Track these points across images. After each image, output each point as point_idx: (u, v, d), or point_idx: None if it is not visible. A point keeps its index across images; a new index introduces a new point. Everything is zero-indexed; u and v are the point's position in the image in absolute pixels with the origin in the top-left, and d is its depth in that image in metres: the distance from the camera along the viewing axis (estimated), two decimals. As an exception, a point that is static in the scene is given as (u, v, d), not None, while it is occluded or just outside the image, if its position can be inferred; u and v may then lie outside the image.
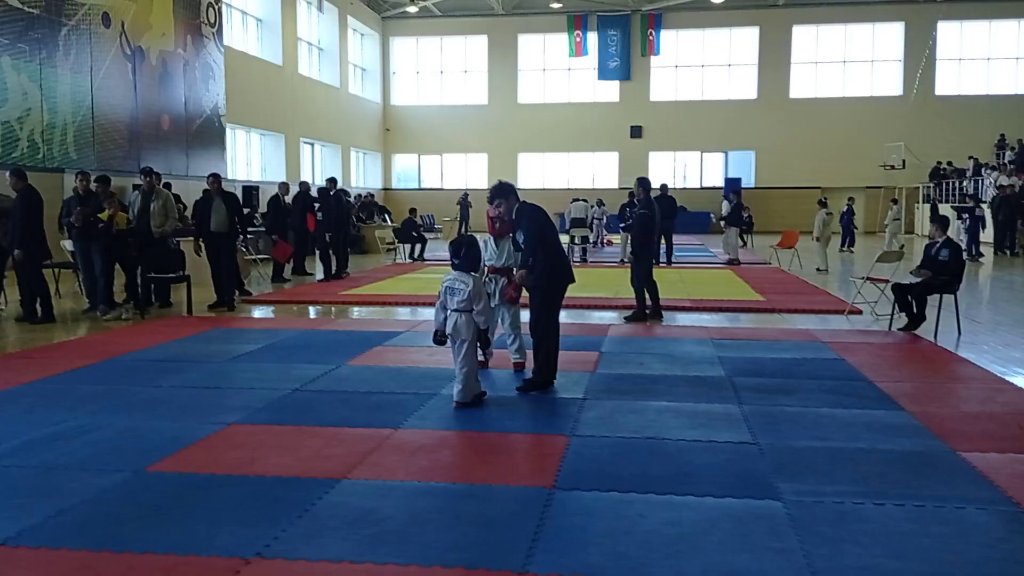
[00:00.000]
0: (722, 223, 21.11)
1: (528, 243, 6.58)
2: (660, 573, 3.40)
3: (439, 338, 6.13)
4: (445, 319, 6.07)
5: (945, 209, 26.26)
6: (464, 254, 6.13)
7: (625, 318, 10.57)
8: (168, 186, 13.62)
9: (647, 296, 10.61)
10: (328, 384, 6.91)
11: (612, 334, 9.53)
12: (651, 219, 10.43)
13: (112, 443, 5.22)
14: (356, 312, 11.85)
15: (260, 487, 4.43)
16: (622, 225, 19.88)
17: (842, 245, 24.31)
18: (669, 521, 3.95)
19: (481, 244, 6.64)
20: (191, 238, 12.36)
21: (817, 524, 3.90)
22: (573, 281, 6.86)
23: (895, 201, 25.16)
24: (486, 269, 7.19)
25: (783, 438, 5.30)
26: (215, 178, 12.13)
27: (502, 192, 6.75)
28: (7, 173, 10.65)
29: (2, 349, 8.75)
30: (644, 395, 6.50)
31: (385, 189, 38.02)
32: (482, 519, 4.00)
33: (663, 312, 10.77)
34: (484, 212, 7.43)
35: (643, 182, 10.83)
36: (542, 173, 37.93)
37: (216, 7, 23.91)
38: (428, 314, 11.36)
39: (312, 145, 31.68)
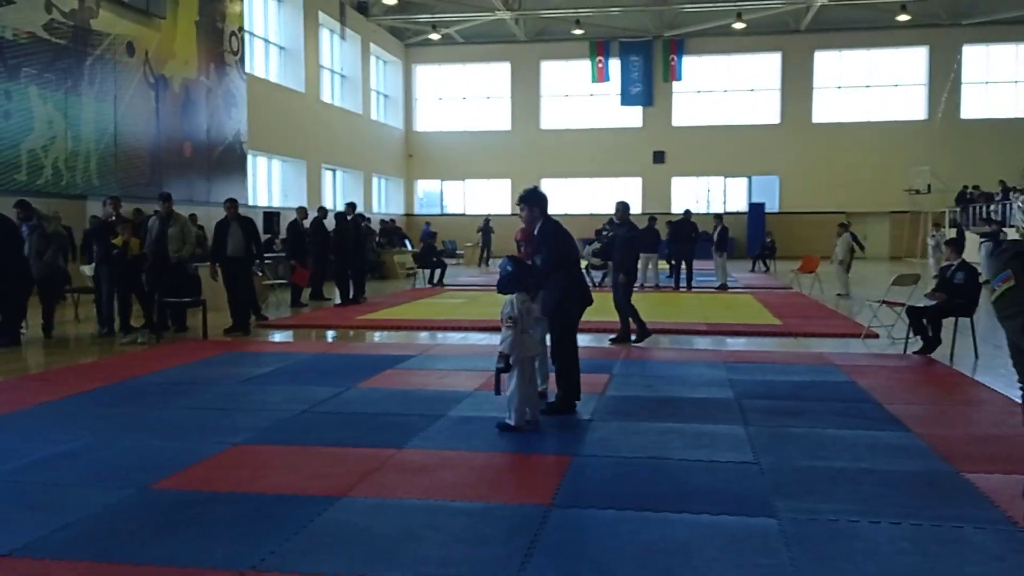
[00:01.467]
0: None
1: (544, 268, 6.55)
2: (648, 588, 3.42)
3: (509, 364, 5.95)
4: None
5: (971, 234, 26.01)
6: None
7: (611, 340, 10.65)
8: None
9: (621, 318, 10.73)
10: (336, 406, 6.96)
11: (624, 357, 9.54)
12: (637, 242, 10.75)
13: (118, 462, 5.29)
14: (371, 336, 11.93)
15: (259, 504, 4.48)
16: (593, 249, 19.50)
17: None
18: (662, 538, 3.96)
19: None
20: (207, 263, 12.50)
21: (810, 541, 3.89)
22: (591, 303, 6.88)
23: (937, 226, 24.72)
24: None
25: (785, 458, 5.28)
26: (231, 203, 12.29)
27: (528, 199, 6.72)
28: None
29: (22, 371, 8.88)
30: (650, 416, 6.50)
31: (407, 215, 38.25)
32: (477, 536, 4.02)
33: (632, 337, 10.77)
34: (506, 237, 7.36)
35: (624, 206, 11.10)
36: (565, 199, 37.96)
37: (239, 36, 24.28)
38: (443, 338, 11.45)
39: (334, 171, 31.99)
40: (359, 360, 9.36)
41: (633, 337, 10.67)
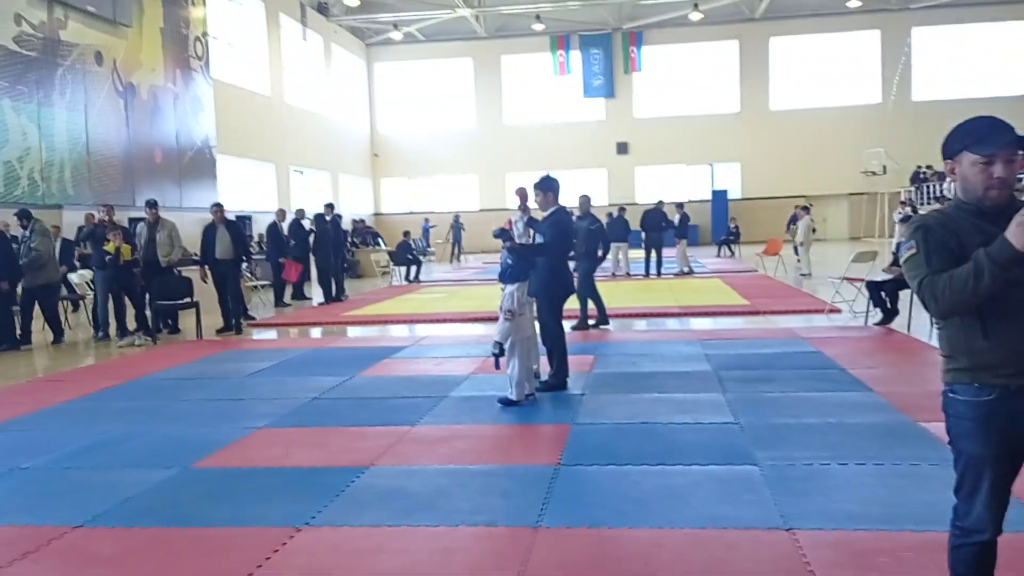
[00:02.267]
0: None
1: (540, 249, 7.15)
2: (653, 522, 3.98)
3: (503, 350, 6.64)
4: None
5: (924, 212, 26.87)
6: None
7: (572, 327, 11.09)
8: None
9: (581, 305, 11.09)
10: (345, 392, 7.46)
11: (605, 339, 10.11)
12: (601, 233, 11.29)
13: (156, 447, 5.76)
14: (361, 331, 12.40)
15: (297, 475, 4.99)
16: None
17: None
18: (661, 485, 4.53)
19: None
20: (194, 267, 12.90)
21: (788, 481, 4.49)
22: (573, 291, 7.50)
23: (903, 203, 25.51)
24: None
25: (762, 418, 5.88)
26: (218, 208, 12.73)
27: (542, 185, 7.46)
28: None
29: (31, 375, 9.27)
30: (637, 389, 7.08)
31: (376, 214, 38.58)
32: (499, 490, 4.58)
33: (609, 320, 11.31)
34: (475, 234, 7.83)
35: (586, 199, 11.85)
36: (532, 192, 38.44)
37: (203, 40, 24.51)
38: (428, 331, 11.95)
39: (302, 173, 32.25)
40: (356, 352, 9.85)
41: (591, 322, 11.15)
